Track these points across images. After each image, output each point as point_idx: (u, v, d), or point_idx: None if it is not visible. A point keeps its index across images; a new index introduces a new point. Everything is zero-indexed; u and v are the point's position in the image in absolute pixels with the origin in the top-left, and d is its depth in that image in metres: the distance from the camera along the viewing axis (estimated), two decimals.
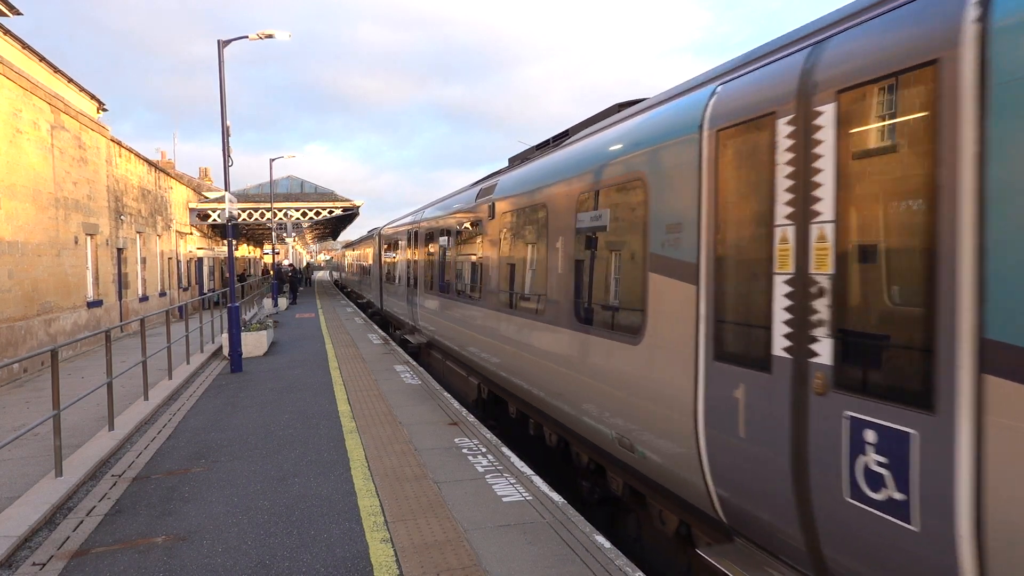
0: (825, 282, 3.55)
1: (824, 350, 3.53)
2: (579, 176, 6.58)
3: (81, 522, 6.05)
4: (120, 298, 21.55)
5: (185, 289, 31.73)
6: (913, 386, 3.08)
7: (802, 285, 3.69)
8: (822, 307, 3.56)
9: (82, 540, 5.66)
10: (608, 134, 6.32)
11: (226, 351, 14.97)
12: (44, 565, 5.21)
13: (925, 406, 3.00)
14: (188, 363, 14.35)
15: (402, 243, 18.76)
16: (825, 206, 3.55)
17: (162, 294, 27.14)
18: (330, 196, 36.69)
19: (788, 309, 3.78)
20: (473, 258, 10.72)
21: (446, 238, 12.90)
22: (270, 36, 15.07)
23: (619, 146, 5.87)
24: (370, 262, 28.97)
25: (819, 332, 3.56)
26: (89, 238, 19.05)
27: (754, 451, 4.04)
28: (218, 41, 14.41)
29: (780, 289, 3.85)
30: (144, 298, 24.31)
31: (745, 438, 4.11)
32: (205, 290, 35.53)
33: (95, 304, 18.95)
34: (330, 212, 36.10)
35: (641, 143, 5.47)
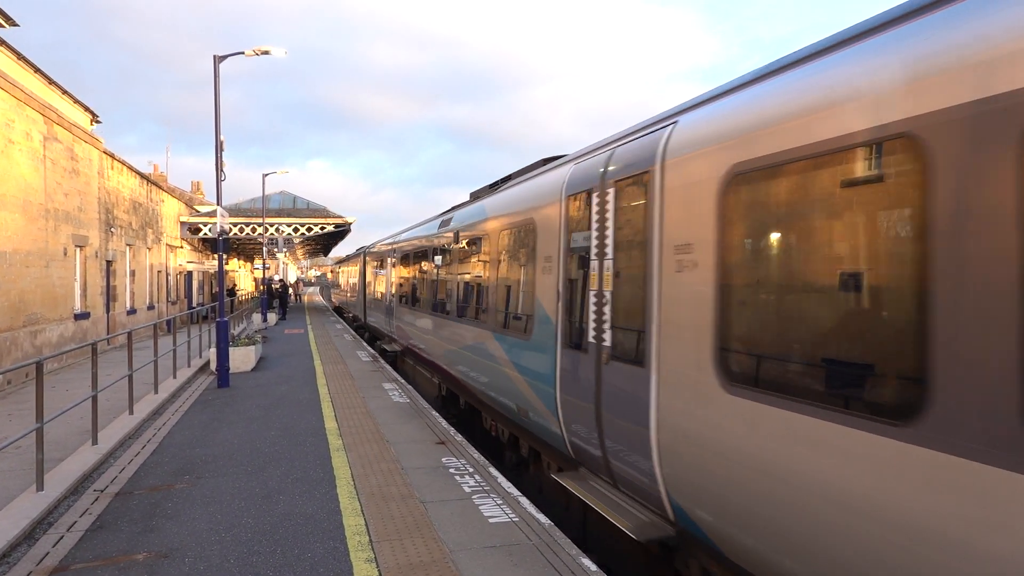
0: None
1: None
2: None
3: (61, 537, 5.97)
4: (108, 310, 21.40)
5: (174, 303, 31.55)
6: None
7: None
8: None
9: (62, 556, 5.58)
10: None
11: (213, 366, 14.87)
12: None
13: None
14: (175, 377, 14.24)
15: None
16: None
17: (150, 307, 26.98)
18: (322, 212, 36.69)
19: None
20: None
21: None
22: (266, 52, 15.15)
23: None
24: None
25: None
26: (78, 250, 18.96)
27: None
28: (214, 56, 14.49)
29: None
30: (132, 311, 24.15)
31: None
32: (194, 304, 35.34)
33: (82, 316, 18.81)
34: (322, 228, 36.08)
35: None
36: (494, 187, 10.55)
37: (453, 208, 13.00)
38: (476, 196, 11.47)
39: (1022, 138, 2.66)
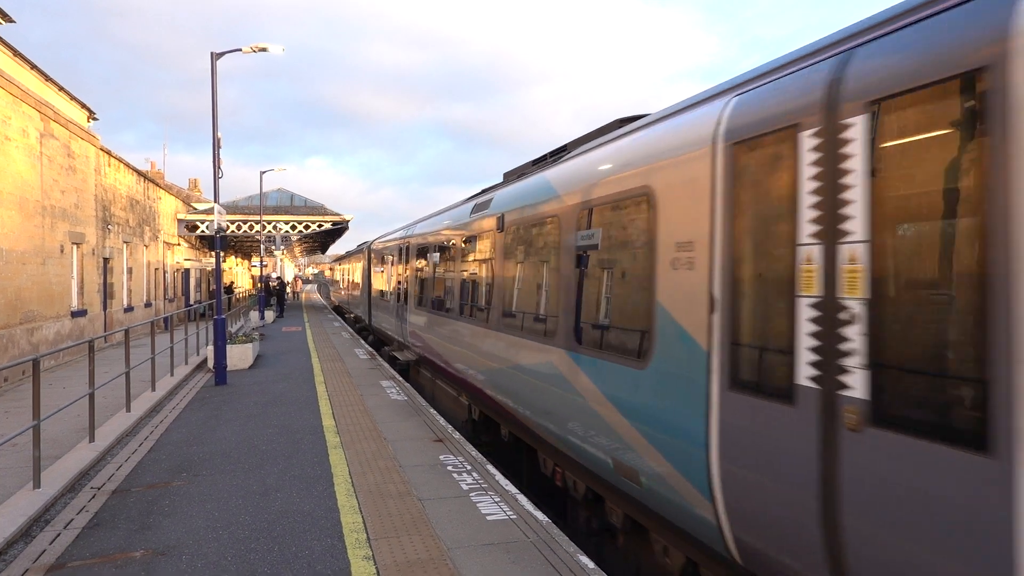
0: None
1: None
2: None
3: (58, 535, 5.96)
4: (105, 308, 21.36)
5: (171, 300, 31.50)
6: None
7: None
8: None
9: (59, 554, 5.57)
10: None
11: (211, 363, 14.84)
12: None
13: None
14: (172, 375, 14.22)
15: None
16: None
17: (147, 305, 26.93)
18: (320, 210, 36.65)
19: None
20: None
21: None
22: (263, 50, 15.12)
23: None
24: None
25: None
26: (75, 247, 18.91)
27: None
28: (211, 53, 14.45)
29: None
30: (129, 309, 24.11)
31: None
32: (191, 302, 35.30)
33: (79, 314, 18.77)
34: (319, 226, 36.05)
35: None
36: (545, 161, 8.27)
37: (487, 190, 10.55)
38: (520, 173, 9.05)
39: None
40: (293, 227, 35.71)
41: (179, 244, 33.48)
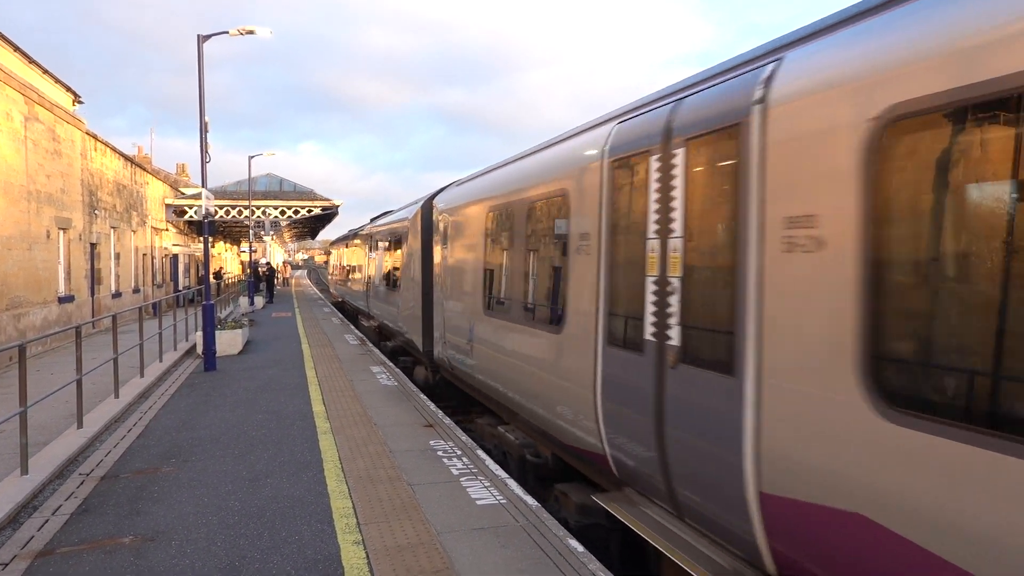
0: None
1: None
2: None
3: (46, 521, 5.94)
4: (92, 294, 21.21)
5: (159, 286, 31.31)
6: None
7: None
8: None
9: (47, 540, 5.55)
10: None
11: (200, 349, 14.79)
12: (7, 565, 5.10)
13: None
14: (161, 361, 14.15)
15: None
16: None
17: (136, 290, 26.76)
18: (309, 195, 36.43)
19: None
20: None
21: None
22: (251, 32, 14.94)
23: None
24: None
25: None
26: (62, 232, 18.73)
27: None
28: (198, 36, 14.27)
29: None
30: (117, 294, 23.95)
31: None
32: (180, 287, 35.10)
33: (66, 299, 18.63)
34: (309, 211, 35.86)
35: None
36: None
37: None
38: None
39: None
40: (283, 212, 35.49)
41: (167, 229, 33.24)
